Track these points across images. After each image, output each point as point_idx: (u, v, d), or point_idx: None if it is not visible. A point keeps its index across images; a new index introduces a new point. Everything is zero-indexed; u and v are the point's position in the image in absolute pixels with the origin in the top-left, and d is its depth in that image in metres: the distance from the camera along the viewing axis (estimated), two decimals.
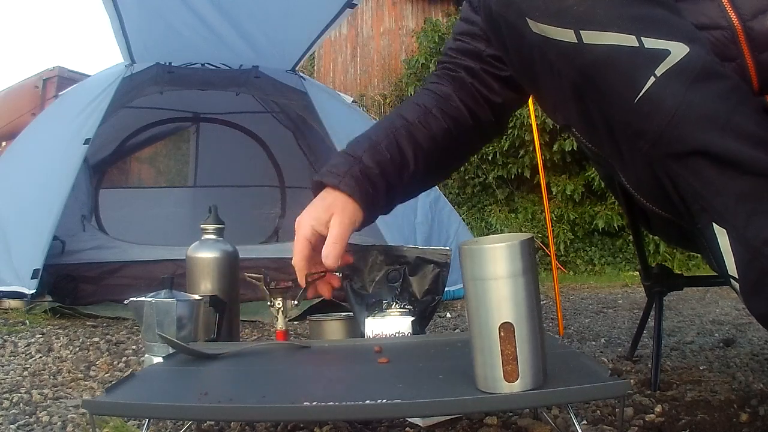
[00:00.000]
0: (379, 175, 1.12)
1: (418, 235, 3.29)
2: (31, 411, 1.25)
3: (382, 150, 1.13)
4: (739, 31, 0.86)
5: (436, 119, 1.18)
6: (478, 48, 1.16)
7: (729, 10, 0.87)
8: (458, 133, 1.20)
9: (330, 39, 8.94)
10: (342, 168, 1.11)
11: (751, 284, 0.74)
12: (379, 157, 1.12)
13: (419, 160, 1.16)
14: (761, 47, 0.86)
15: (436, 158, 1.20)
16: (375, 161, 1.12)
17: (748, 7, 0.87)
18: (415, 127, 1.17)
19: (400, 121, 1.18)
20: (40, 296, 2.70)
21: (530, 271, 0.73)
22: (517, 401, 0.77)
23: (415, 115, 1.18)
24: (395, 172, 1.14)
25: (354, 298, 1.29)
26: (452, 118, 1.19)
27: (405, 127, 1.16)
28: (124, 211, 4.37)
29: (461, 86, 1.19)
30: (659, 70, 0.74)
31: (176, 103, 4.48)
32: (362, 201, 1.09)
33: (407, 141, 1.15)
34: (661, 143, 0.75)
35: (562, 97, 0.87)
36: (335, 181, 1.09)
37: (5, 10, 51.74)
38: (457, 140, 1.21)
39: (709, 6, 0.87)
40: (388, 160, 1.13)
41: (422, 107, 1.19)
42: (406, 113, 1.19)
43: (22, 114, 5.12)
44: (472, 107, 1.20)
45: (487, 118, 1.21)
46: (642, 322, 1.63)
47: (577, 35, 0.77)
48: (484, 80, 1.18)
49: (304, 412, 0.76)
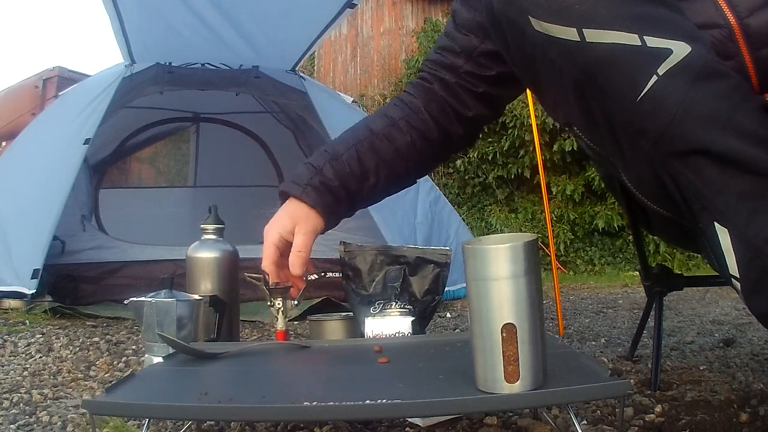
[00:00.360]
0: (339, 186, 1.18)
1: (418, 235, 3.29)
2: (31, 411, 1.25)
3: (343, 162, 1.18)
4: (736, 28, 0.86)
5: (401, 132, 1.22)
6: (456, 63, 1.19)
7: (725, 9, 0.87)
8: (422, 145, 1.23)
9: (330, 39, 8.94)
10: (304, 179, 1.18)
11: (752, 283, 0.74)
12: (340, 169, 1.18)
13: (380, 172, 1.21)
14: (759, 44, 0.86)
15: (399, 169, 1.25)
16: (335, 173, 1.17)
17: (744, 5, 0.87)
18: (379, 139, 1.21)
19: (365, 132, 1.22)
20: (40, 296, 2.70)
21: (533, 273, 0.73)
22: (517, 401, 0.77)
23: (380, 126, 1.22)
24: (356, 184, 1.20)
25: (354, 298, 1.29)
26: (418, 131, 1.22)
27: (368, 140, 1.21)
28: (124, 211, 4.36)
29: (432, 99, 1.22)
30: (661, 69, 0.74)
31: (176, 103, 4.48)
32: (323, 211, 1.17)
33: (369, 153, 1.20)
34: (663, 142, 0.75)
35: (564, 95, 0.87)
36: (298, 192, 1.17)
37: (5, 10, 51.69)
38: (421, 153, 1.25)
39: (705, 5, 0.88)
40: (348, 173, 1.18)
41: (389, 119, 1.23)
42: (372, 124, 1.23)
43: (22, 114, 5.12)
44: (440, 121, 1.23)
45: (455, 131, 1.25)
46: (642, 322, 1.63)
47: (580, 34, 0.77)
48: (457, 95, 1.21)
49: (304, 412, 0.76)
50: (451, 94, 1.21)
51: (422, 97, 1.24)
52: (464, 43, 1.18)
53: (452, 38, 1.20)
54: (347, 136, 1.23)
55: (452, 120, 1.23)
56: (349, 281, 1.31)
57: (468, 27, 1.17)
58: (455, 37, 1.19)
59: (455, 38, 1.19)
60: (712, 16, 0.87)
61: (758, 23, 0.86)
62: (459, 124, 1.24)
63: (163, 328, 1.16)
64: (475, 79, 1.18)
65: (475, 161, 6.75)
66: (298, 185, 1.17)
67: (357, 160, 1.19)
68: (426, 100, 1.23)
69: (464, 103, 1.21)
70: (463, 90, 1.20)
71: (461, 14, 1.19)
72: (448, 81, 1.21)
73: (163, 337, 1.09)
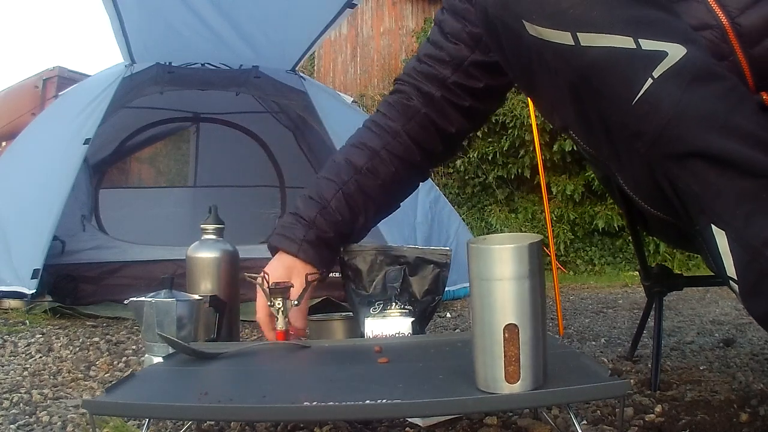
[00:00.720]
0: (333, 237, 1.20)
1: (418, 235, 3.29)
2: (31, 411, 1.25)
3: (333, 210, 1.19)
4: (728, 28, 0.86)
5: (384, 163, 1.21)
6: (443, 74, 1.17)
7: (716, 9, 0.87)
8: (406, 171, 1.24)
9: (330, 39, 8.93)
10: (298, 234, 1.19)
11: (750, 285, 0.74)
12: (332, 219, 1.19)
13: (369, 210, 1.23)
14: (752, 42, 0.86)
15: (386, 201, 1.26)
16: (328, 224, 1.19)
17: (734, 4, 0.87)
18: (363, 176, 1.21)
19: (349, 171, 1.21)
20: (40, 296, 2.70)
21: (537, 274, 0.73)
22: (518, 401, 0.77)
23: (363, 161, 1.21)
24: (348, 228, 1.22)
25: (354, 298, 1.29)
26: (400, 158, 1.22)
27: (353, 179, 1.20)
28: (124, 211, 4.36)
29: (412, 117, 1.21)
30: (656, 72, 0.74)
31: (176, 103, 4.48)
32: (319, 264, 1.20)
33: (356, 194, 1.20)
34: (659, 144, 0.75)
35: (560, 99, 0.87)
36: (294, 249, 1.18)
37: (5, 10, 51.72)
38: (406, 179, 1.26)
39: (696, 7, 0.87)
40: (340, 221, 1.20)
41: (370, 150, 1.22)
42: (354, 158, 1.22)
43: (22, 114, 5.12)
44: (421, 141, 1.22)
45: (436, 148, 1.24)
46: (642, 322, 1.63)
47: (574, 37, 0.77)
48: (442, 109, 1.20)
49: (304, 412, 0.76)
50: (435, 109, 1.20)
51: (400, 118, 1.22)
52: (454, 52, 1.16)
53: (440, 47, 1.18)
54: (331, 176, 1.22)
55: (434, 137, 1.22)
56: (349, 281, 1.31)
57: (458, 37, 1.16)
58: (444, 45, 1.18)
59: (444, 47, 1.18)
60: (704, 17, 0.87)
61: (750, 21, 0.86)
62: (440, 140, 1.23)
63: (163, 328, 1.16)
64: (463, 91, 1.18)
65: (475, 161, 6.75)
66: (293, 241, 1.18)
67: (346, 206, 1.19)
68: (404, 121, 1.21)
69: (447, 117, 1.20)
70: (448, 104, 1.19)
71: (449, 24, 1.17)
72: (432, 95, 1.19)
73: (163, 337, 1.09)
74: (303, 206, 1.21)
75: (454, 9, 1.17)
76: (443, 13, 1.20)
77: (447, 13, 1.19)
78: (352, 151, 1.24)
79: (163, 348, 1.16)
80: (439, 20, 1.21)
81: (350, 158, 1.23)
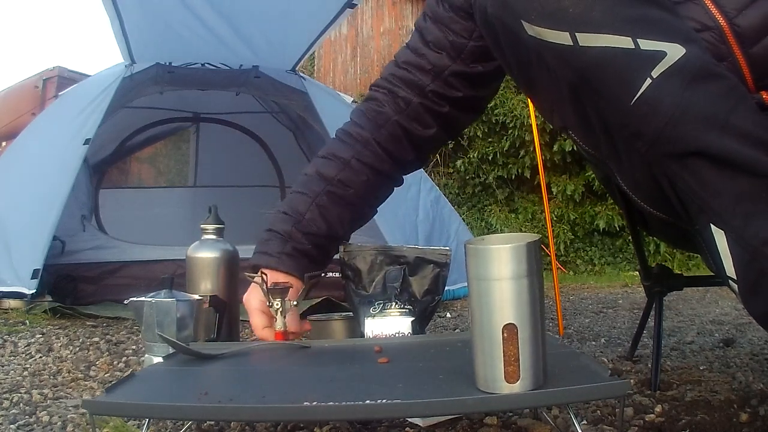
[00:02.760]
0: (311, 247, 1.20)
1: (419, 233, 3.29)
2: (31, 411, 1.25)
3: (308, 224, 1.20)
4: (726, 29, 0.86)
5: (355, 172, 1.21)
6: (422, 82, 1.16)
7: (713, 10, 0.87)
8: (377, 179, 1.23)
9: (330, 39, 8.93)
10: (275, 248, 1.19)
11: (750, 285, 0.74)
12: (307, 231, 1.19)
13: (344, 220, 1.23)
14: (750, 42, 0.86)
15: (360, 209, 1.26)
16: (304, 236, 1.19)
17: (732, 4, 0.87)
18: (335, 187, 1.21)
19: (320, 183, 1.21)
20: (40, 296, 2.70)
21: (536, 273, 0.73)
22: (517, 401, 0.77)
23: (333, 172, 1.21)
24: (324, 240, 1.22)
25: (354, 298, 1.29)
26: (370, 167, 1.21)
27: (325, 191, 1.20)
28: (124, 211, 4.36)
29: (382, 125, 1.20)
30: (655, 72, 0.74)
31: (176, 103, 4.48)
32: (300, 274, 1.19)
33: (329, 206, 1.20)
34: (659, 144, 0.75)
35: (559, 99, 0.87)
36: (273, 263, 1.18)
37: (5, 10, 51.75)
38: (378, 186, 1.26)
39: (693, 8, 0.87)
40: (315, 232, 1.20)
41: (340, 161, 1.21)
42: (324, 170, 1.22)
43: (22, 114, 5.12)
44: (390, 149, 1.21)
45: (407, 156, 1.24)
46: (642, 322, 1.63)
47: (573, 37, 0.77)
48: (417, 115, 1.19)
49: (304, 412, 0.76)
50: (409, 116, 1.19)
51: (370, 126, 1.21)
52: (435, 60, 1.15)
53: (420, 54, 1.16)
54: (303, 190, 1.23)
55: (404, 145, 1.22)
56: (349, 281, 1.31)
57: (439, 45, 1.14)
58: (424, 53, 1.16)
59: (425, 55, 1.16)
60: (701, 18, 0.87)
61: (748, 21, 0.86)
62: (411, 148, 1.22)
63: (163, 328, 1.16)
64: (441, 99, 1.17)
65: (475, 161, 6.75)
66: (271, 256, 1.18)
67: (320, 217, 1.20)
68: (374, 129, 1.21)
69: (423, 122, 1.19)
70: (426, 110, 1.18)
71: (431, 32, 1.15)
72: (410, 100, 1.18)
73: (163, 337, 1.09)
74: (278, 222, 1.22)
75: (438, 17, 1.14)
76: (425, 20, 1.17)
77: (429, 20, 1.16)
78: (322, 162, 1.24)
79: (163, 348, 1.16)
80: (421, 27, 1.18)
81: (321, 170, 1.22)
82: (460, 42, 1.12)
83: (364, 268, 1.30)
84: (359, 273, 1.30)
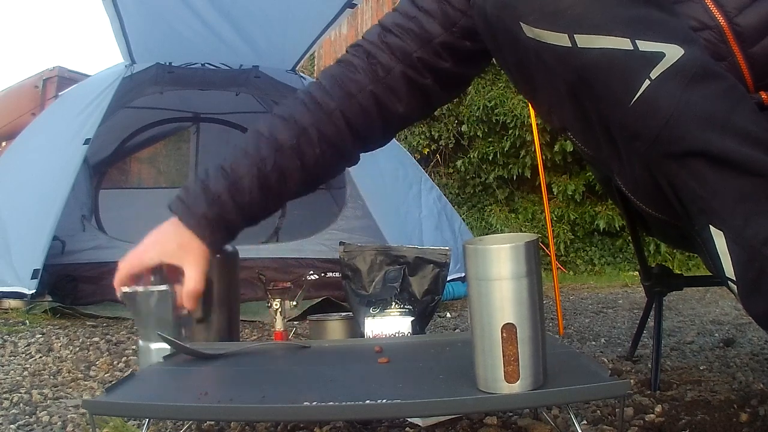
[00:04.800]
0: (235, 220, 1.09)
1: (424, 228, 3.29)
2: (31, 411, 1.25)
3: (244, 189, 1.07)
4: (726, 28, 0.86)
5: (311, 143, 1.09)
6: (409, 47, 1.07)
7: (713, 9, 0.87)
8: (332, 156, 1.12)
9: (330, 39, 8.92)
10: (199, 207, 1.08)
11: (749, 285, 0.74)
12: (240, 199, 1.07)
13: (283, 195, 1.12)
14: (750, 42, 0.86)
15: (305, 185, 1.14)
16: (235, 203, 1.07)
17: (732, 4, 0.87)
18: (285, 156, 1.08)
19: (269, 147, 1.09)
20: (40, 296, 2.70)
21: (534, 273, 0.73)
22: (517, 401, 0.77)
23: (287, 138, 1.08)
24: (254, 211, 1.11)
25: (354, 298, 1.29)
26: (328, 141, 1.10)
27: (272, 159, 1.08)
28: (124, 212, 4.36)
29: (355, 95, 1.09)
30: (654, 73, 0.74)
31: (176, 103, 4.48)
32: (215, 245, 1.10)
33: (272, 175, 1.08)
34: (658, 144, 0.75)
35: (558, 100, 0.87)
36: (191, 222, 1.08)
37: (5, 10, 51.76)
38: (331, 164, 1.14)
39: (693, 7, 0.87)
40: (247, 202, 1.08)
41: (298, 126, 1.09)
42: (278, 133, 1.09)
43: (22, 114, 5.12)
44: (358, 126, 1.11)
45: (373, 133, 1.14)
46: (642, 322, 1.63)
47: (571, 39, 0.77)
48: (395, 86, 1.09)
49: (304, 412, 0.76)
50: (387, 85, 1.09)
51: (340, 95, 1.10)
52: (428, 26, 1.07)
53: (411, 17, 1.08)
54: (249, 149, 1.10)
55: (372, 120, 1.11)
56: (348, 281, 1.31)
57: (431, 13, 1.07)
58: (416, 16, 1.08)
59: (416, 17, 1.08)
60: (701, 17, 0.87)
61: (748, 21, 0.86)
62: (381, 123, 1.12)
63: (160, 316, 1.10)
64: (426, 69, 1.08)
65: (476, 161, 6.75)
66: (193, 214, 1.08)
67: (258, 187, 1.07)
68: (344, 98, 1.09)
69: (398, 95, 1.09)
70: (406, 80, 1.09)
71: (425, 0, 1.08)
72: (391, 68, 1.08)
73: (163, 337, 1.09)
74: (212, 175, 1.10)
75: None
76: None
77: None
78: (278, 123, 1.11)
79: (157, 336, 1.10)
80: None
81: (275, 132, 1.10)
82: (454, 14, 1.06)
83: (363, 268, 1.31)
84: (359, 273, 1.30)
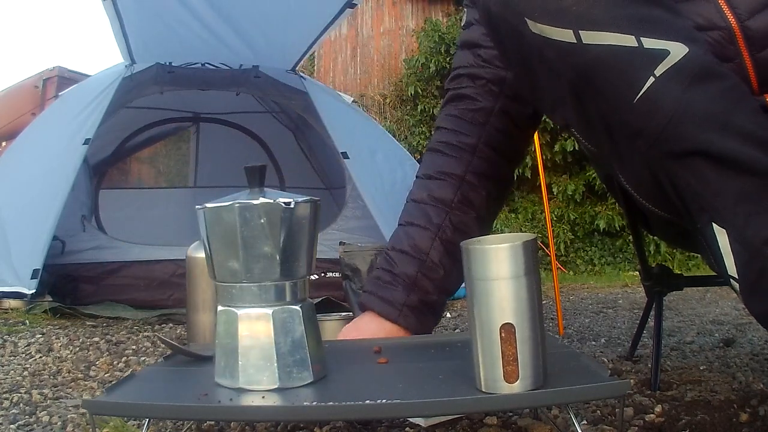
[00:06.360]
0: (437, 298, 1.04)
1: None
2: (31, 411, 1.25)
3: (434, 266, 1.03)
4: (736, 30, 0.86)
5: (474, 189, 1.04)
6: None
7: (726, 10, 0.87)
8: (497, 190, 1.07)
9: (330, 39, 8.93)
10: (398, 297, 1.02)
11: (751, 283, 0.74)
12: (435, 276, 1.03)
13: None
14: (759, 46, 0.86)
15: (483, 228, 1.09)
16: (432, 284, 1.02)
17: (745, 7, 0.87)
18: (457, 213, 1.03)
19: (438, 212, 1.04)
20: (40, 296, 2.70)
21: (533, 272, 0.73)
22: (517, 401, 0.77)
23: (450, 194, 1.04)
24: (452, 281, 1.06)
25: (354, 298, 1.29)
26: (488, 177, 1.05)
27: (447, 221, 1.03)
28: (124, 212, 4.36)
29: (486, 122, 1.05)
30: (658, 71, 0.74)
31: (176, 103, 4.48)
32: (417, 330, 1.05)
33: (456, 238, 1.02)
34: (661, 143, 0.75)
35: (561, 97, 0.87)
36: (394, 315, 1.03)
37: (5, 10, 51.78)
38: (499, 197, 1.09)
39: (705, 6, 0.87)
40: (442, 276, 1.04)
41: (455, 178, 1.04)
42: (440, 193, 1.04)
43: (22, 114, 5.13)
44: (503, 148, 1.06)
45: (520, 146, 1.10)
46: (642, 322, 1.63)
47: (576, 35, 0.77)
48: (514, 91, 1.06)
49: (304, 412, 0.76)
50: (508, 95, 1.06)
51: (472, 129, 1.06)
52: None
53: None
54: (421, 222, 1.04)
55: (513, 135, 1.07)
56: (348, 281, 1.31)
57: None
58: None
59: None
60: (713, 17, 0.87)
61: (759, 25, 0.86)
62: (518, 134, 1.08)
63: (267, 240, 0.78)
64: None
65: None
66: (393, 306, 1.02)
67: (446, 255, 1.02)
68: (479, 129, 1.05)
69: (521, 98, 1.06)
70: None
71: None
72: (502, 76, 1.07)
73: (162, 339, 1.09)
74: (398, 262, 1.04)
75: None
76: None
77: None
78: (432, 185, 1.07)
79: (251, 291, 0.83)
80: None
81: (434, 194, 1.05)
82: None
83: (363, 268, 1.31)
84: (359, 273, 1.30)
